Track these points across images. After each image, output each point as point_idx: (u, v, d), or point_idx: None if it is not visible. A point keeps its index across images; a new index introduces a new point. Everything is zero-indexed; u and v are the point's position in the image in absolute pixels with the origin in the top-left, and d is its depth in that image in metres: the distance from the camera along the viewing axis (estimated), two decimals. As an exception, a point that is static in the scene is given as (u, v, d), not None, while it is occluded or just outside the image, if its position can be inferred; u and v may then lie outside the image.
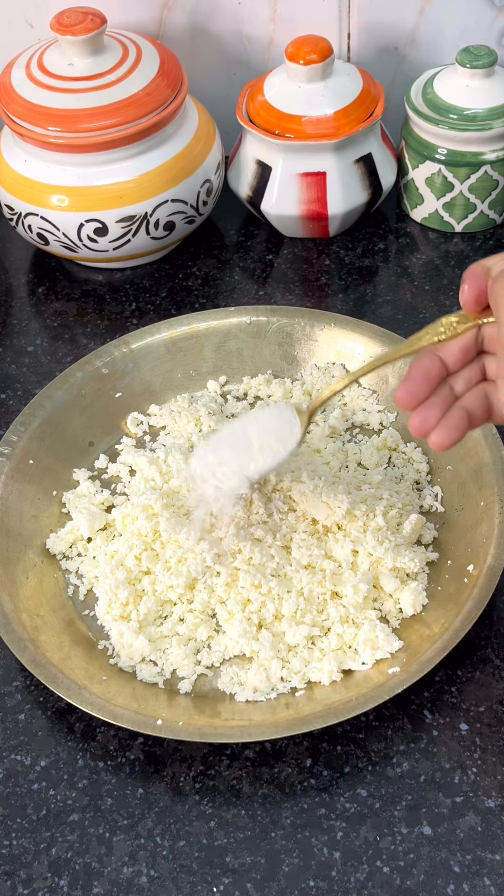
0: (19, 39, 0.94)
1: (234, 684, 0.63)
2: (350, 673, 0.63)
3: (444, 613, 0.64)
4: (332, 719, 0.58)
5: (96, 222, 0.83)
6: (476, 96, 0.84)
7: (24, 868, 0.57)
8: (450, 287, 0.86)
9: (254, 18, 0.92)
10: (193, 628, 0.65)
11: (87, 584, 0.69)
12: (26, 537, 0.70)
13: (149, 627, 0.66)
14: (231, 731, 0.59)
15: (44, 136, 0.80)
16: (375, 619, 0.64)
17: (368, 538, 0.66)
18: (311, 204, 0.87)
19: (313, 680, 0.62)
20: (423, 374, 0.55)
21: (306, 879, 0.56)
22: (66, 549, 0.70)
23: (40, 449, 0.73)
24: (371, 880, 0.55)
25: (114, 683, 0.62)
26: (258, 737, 0.58)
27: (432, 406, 0.55)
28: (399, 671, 0.60)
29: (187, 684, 0.63)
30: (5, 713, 0.63)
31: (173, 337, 0.79)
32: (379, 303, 0.86)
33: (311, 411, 0.64)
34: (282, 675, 0.63)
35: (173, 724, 0.59)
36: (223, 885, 0.56)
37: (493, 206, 0.89)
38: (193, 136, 0.85)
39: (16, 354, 0.85)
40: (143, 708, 0.60)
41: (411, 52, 0.93)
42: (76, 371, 0.77)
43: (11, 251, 0.93)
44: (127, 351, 0.78)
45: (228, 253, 0.92)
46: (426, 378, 0.55)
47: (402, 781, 0.59)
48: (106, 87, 0.81)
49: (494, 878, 0.55)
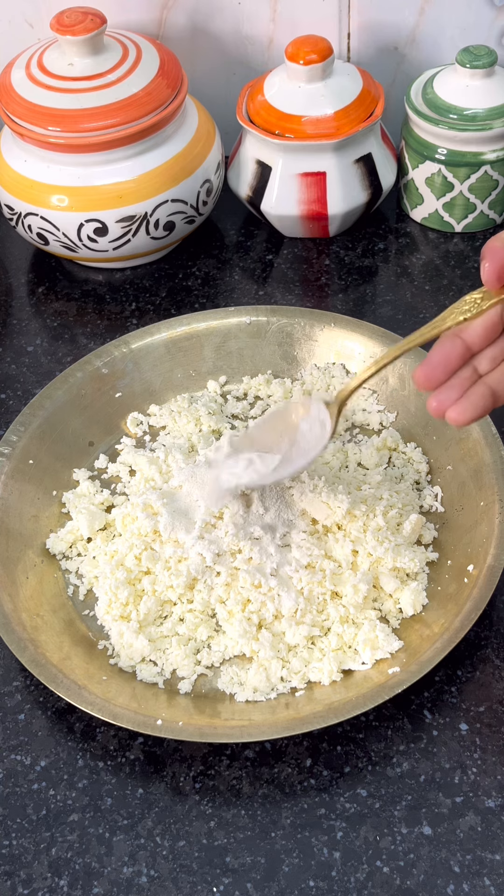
0: (19, 39, 0.94)
1: (233, 684, 0.63)
2: (350, 673, 0.63)
3: (444, 613, 0.64)
4: (332, 719, 0.58)
5: (96, 222, 0.83)
6: (476, 96, 0.84)
7: (24, 868, 0.57)
8: (450, 287, 0.86)
9: (254, 18, 0.92)
10: (193, 628, 0.65)
11: (87, 584, 0.69)
12: (26, 537, 0.70)
13: (149, 627, 0.66)
14: (231, 732, 0.59)
15: (44, 136, 0.80)
16: (375, 619, 0.64)
17: (368, 538, 0.66)
18: (310, 204, 0.87)
19: (313, 680, 0.62)
20: (443, 358, 0.54)
21: (306, 879, 0.56)
22: (66, 549, 0.70)
23: (40, 449, 0.73)
24: (371, 880, 0.55)
25: (114, 683, 0.62)
26: (258, 737, 0.58)
27: (451, 388, 0.54)
28: (399, 671, 0.60)
29: (187, 684, 0.63)
30: (5, 713, 0.63)
31: (173, 337, 0.79)
32: (379, 303, 0.86)
33: (339, 402, 0.63)
34: (282, 675, 0.63)
35: (173, 724, 0.59)
36: (223, 885, 0.56)
37: (492, 206, 0.89)
38: (193, 136, 0.85)
39: (15, 354, 0.85)
40: (143, 708, 0.60)
41: (411, 51, 0.93)
42: (76, 371, 0.77)
43: (11, 251, 0.93)
44: (127, 351, 0.78)
45: (228, 253, 0.92)
46: (445, 361, 0.54)
47: (402, 781, 0.59)
48: (106, 86, 0.81)
49: (494, 878, 0.55)
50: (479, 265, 0.54)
